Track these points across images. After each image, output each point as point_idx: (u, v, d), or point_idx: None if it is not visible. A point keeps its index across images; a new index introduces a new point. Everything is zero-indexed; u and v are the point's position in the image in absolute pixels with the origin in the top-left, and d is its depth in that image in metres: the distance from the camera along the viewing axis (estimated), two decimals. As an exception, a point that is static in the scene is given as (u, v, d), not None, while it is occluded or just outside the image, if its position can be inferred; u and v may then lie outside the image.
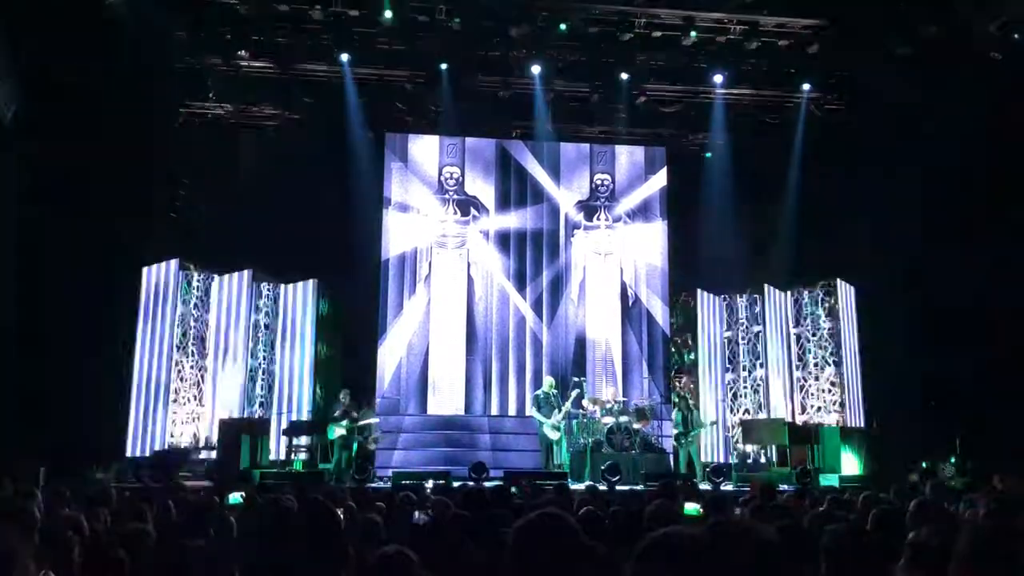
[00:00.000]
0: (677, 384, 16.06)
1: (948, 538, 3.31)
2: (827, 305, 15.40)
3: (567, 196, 15.84)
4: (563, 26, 13.66)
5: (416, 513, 5.64)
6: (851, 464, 13.65)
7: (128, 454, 12.89)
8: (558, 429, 13.24)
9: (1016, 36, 13.14)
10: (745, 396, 15.81)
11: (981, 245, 13.16)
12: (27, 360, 11.40)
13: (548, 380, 13.78)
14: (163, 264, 13.78)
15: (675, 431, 13.76)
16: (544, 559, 2.05)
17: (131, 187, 12.78)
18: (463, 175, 15.62)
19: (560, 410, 13.25)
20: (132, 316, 13.44)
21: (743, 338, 15.96)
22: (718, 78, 14.82)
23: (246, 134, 14.32)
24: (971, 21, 12.62)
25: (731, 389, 15.91)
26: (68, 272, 11.96)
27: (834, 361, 15.17)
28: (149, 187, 13.05)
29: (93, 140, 12.07)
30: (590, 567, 2.19)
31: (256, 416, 14.05)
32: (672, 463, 13.80)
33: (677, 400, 13.75)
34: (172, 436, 13.64)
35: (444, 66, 14.37)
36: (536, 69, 14.54)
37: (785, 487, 11.19)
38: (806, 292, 15.60)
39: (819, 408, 15.21)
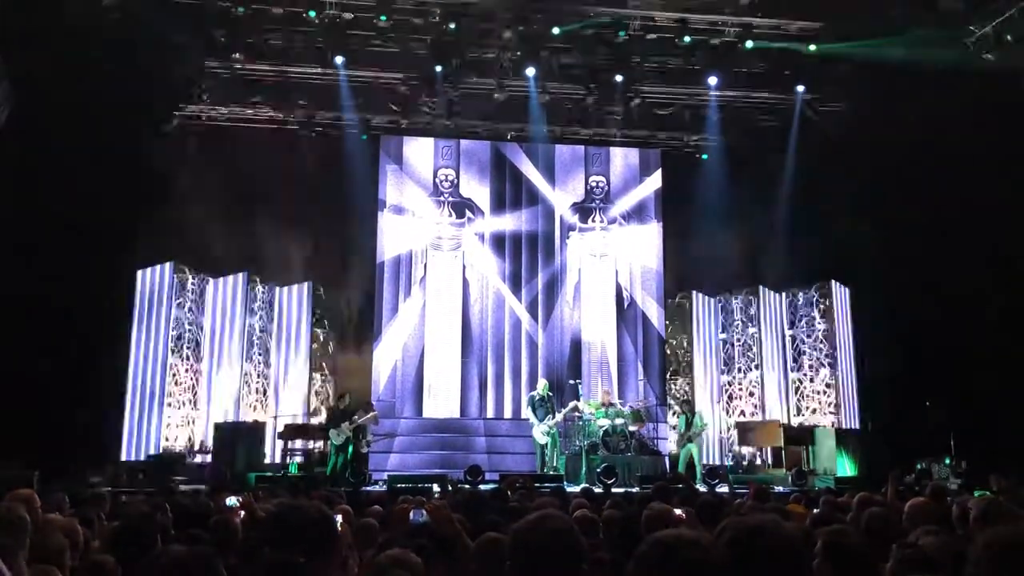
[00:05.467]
0: (673, 386, 16.06)
1: (939, 541, 3.32)
2: (822, 306, 15.44)
3: (562, 198, 15.85)
4: (557, 29, 13.66)
5: (413, 513, 5.62)
6: (846, 465, 13.67)
7: (123, 458, 12.84)
8: (547, 434, 13.16)
9: (1008, 38, 13.19)
10: (740, 398, 15.84)
11: (977, 245, 13.19)
12: (21, 364, 11.33)
13: (542, 383, 13.77)
14: (157, 267, 13.75)
15: (679, 433, 13.63)
16: (544, 560, 2.05)
17: (125, 191, 12.72)
18: (458, 177, 15.61)
19: (553, 415, 13.18)
20: (126, 319, 13.39)
21: (738, 340, 15.99)
22: (713, 80, 14.86)
23: (241, 137, 14.28)
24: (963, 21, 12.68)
25: (726, 391, 15.93)
26: (61, 275, 11.90)
27: (829, 363, 15.20)
28: (143, 191, 12.98)
29: (86, 143, 12.02)
30: (589, 568, 2.19)
31: (251, 419, 14.00)
32: (668, 465, 13.78)
33: (680, 405, 13.64)
34: (167, 440, 13.57)
35: (439, 68, 14.37)
36: (531, 71, 14.56)
37: (780, 489, 11.21)
38: (801, 294, 15.64)
39: (814, 410, 15.23)
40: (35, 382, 11.45)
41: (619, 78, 14.77)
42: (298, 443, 13.56)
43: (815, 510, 5.63)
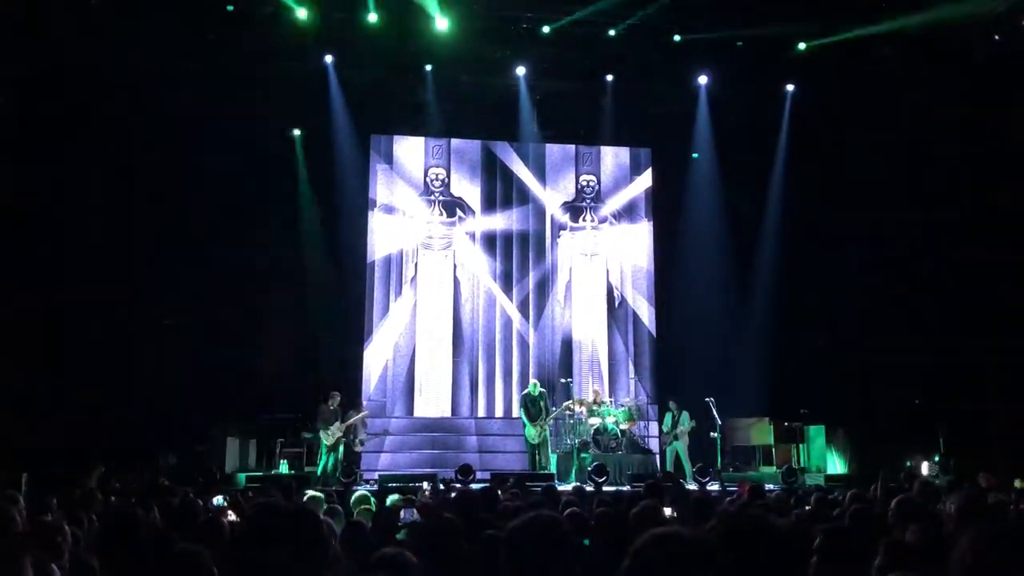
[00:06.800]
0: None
1: (926, 537, 3.34)
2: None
3: (553, 197, 15.84)
4: (547, 28, 13.65)
5: (403, 511, 5.63)
6: (836, 463, 13.71)
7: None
8: (539, 433, 13.13)
9: (997, 37, 13.27)
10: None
11: (969, 243, 13.26)
12: (10, 365, 11.27)
13: (533, 382, 13.67)
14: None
15: (665, 431, 13.70)
16: (536, 559, 2.05)
17: (112, 188, 12.67)
18: (449, 176, 15.59)
19: (544, 414, 13.16)
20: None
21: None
22: (703, 78, 14.87)
23: (229, 135, 14.20)
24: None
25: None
26: (52, 273, 11.86)
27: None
28: (130, 185, 12.94)
29: (77, 136, 12.00)
30: (583, 567, 2.19)
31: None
32: (659, 463, 13.79)
33: (672, 403, 13.66)
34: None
35: (429, 67, 14.33)
36: (521, 70, 14.54)
37: (771, 487, 11.22)
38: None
39: (805, 408, 15.22)
40: (24, 381, 11.38)
41: (609, 77, 14.78)
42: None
43: (806, 507, 5.65)
